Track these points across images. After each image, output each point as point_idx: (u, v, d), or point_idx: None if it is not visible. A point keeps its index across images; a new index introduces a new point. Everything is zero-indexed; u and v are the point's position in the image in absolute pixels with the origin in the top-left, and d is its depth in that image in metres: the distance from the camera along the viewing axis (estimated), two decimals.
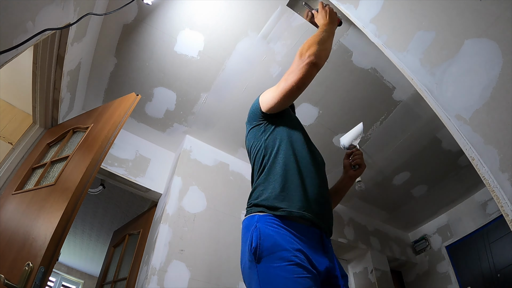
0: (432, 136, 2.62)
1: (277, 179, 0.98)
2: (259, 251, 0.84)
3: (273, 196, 0.95)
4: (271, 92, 1.08)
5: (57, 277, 6.80)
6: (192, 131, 2.62)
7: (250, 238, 0.88)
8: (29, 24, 1.09)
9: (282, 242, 0.85)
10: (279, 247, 0.84)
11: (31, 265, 1.00)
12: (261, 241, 0.86)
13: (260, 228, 0.89)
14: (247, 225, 0.94)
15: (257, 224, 0.90)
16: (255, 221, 0.92)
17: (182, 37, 1.99)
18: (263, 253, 0.84)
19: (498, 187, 0.81)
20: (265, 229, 0.88)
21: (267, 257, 0.83)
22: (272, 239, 0.86)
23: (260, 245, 0.85)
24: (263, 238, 0.86)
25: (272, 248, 0.84)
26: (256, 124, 1.12)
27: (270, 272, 0.81)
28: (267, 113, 1.09)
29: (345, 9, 1.58)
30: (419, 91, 1.13)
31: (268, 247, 0.84)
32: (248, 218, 0.95)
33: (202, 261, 2.06)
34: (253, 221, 0.92)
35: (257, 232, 0.88)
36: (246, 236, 0.92)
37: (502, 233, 2.84)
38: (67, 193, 1.22)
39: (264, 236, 0.86)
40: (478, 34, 0.93)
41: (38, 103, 1.78)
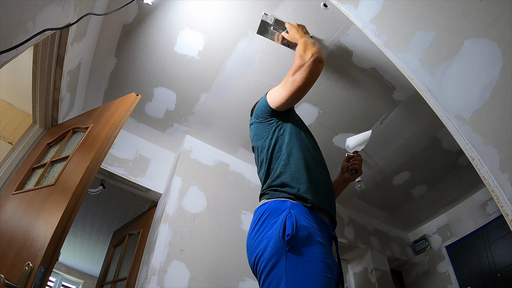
0: (432, 136, 2.62)
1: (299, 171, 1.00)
2: (294, 239, 0.81)
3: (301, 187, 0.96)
4: (279, 90, 1.13)
5: (57, 277, 6.80)
6: (192, 131, 2.62)
7: (282, 223, 0.84)
8: (29, 24, 1.09)
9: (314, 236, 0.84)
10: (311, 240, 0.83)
11: (31, 265, 1.00)
12: (297, 230, 0.83)
13: (296, 216, 0.86)
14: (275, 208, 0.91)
15: (291, 211, 0.88)
16: (287, 206, 0.89)
17: (182, 37, 1.99)
18: (298, 242, 0.81)
19: (498, 187, 0.81)
20: (300, 219, 0.86)
21: (301, 248, 0.81)
22: (306, 231, 0.84)
23: (296, 234, 0.82)
24: (299, 227, 0.84)
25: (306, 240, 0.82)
26: (266, 120, 1.17)
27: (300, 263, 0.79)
28: (277, 110, 1.14)
29: (345, 9, 1.58)
30: (419, 91, 1.13)
31: (302, 238, 0.82)
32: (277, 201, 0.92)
33: (202, 261, 2.06)
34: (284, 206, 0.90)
35: (292, 219, 0.85)
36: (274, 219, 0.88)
37: (502, 233, 2.84)
38: (67, 193, 1.22)
39: (299, 225, 0.84)
40: (478, 34, 0.93)
41: (38, 103, 1.78)
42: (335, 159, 2.80)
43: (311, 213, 0.91)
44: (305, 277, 0.77)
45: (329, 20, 1.88)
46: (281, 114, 1.16)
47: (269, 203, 0.94)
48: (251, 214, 2.48)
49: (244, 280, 2.13)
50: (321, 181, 1.03)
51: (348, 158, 1.39)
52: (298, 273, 0.78)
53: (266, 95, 1.18)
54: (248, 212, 2.50)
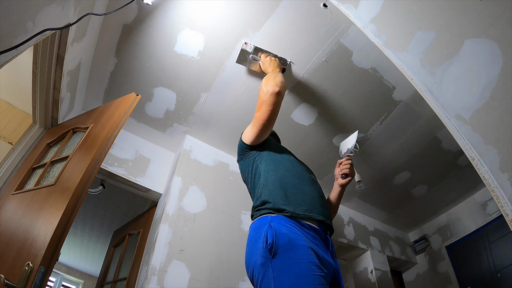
0: (432, 136, 2.62)
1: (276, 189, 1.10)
2: (274, 247, 0.88)
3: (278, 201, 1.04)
4: (249, 128, 1.31)
5: (57, 277, 6.80)
6: (192, 131, 2.62)
7: (264, 236, 0.92)
8: (29, 24, 1.09)
9: (296, 240, 0.90)
10: (294, 245, 0.89)
11: (31, 265, 1.00)
12: (277, 238, 0.90)
13: (275, 226, 0.94)
14: (258, 225, 1.00)
15: (271, 223, 0.96)
16: (268, 220, 0.98)
17: (182, 37, 1.99)
18: (279, 249, 0.88)
19: (498, 187, 0.81)
20: (280, 228, 0.93)
21: (283, 253, 0.87)
22: (287, 237, 0.90)
23: (276, 241, 0.89)
24: (278, 235, 0.91)
25: (287, 246, 0.88)
26: (245, 156, 1.32)
27: (284, 268, 0.84)
28: (251, 145, 1.29)
29: (345, 9, 1.58)
30: (419, 91, 1.13)
31: (283, 244, 0.89)
32: (259, 219, 1.02)
33: (202, 261, 2.06)
34: (265, 221, 0.98)
35: (272, 230, 0.92)
36: (258, 235, 0.96)
37: (502, 233, 2.84)
38: (67, 193, 1.22)
39: (279, 233, 0.91)
40: (478, 34, 0.93)
41: (38, 103, 1.78)
42: (336, 160, 2.80)
43: (292, 221, 0.98)
44: (291, 279, 0.82)
45: (329, 20, 1.88)
46: (255, 148, 1.30)
47: (255, 222, 1.04)
48: None
49: (244, 280, 2.13)
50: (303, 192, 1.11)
51: (339, 164, 1.48)
52: (284, 276, 0.83)
53: (241, 135, 1.34)
54: (248, 212, 2.50)
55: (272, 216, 0.99)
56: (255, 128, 1.24)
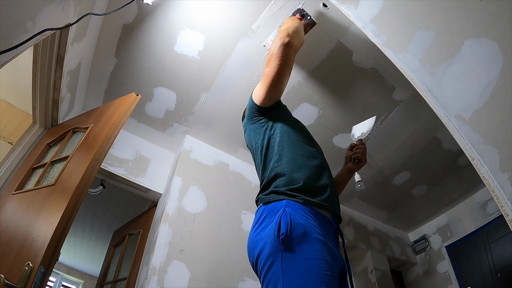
0: (432, 136, 2.62)
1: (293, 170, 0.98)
2: (288, 238, 0.80)
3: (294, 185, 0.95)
4: (259, 86, 1.11)
5: (57, 277, 6.80)
6: (192, 131, 2.62)
7: (277, 223, 0.84)
8: (29, 24, 1.09)
9: (311, 233, 0.82)
10: (309, 238, 0.81)
11: (31, 265, 1.00)
12: (292, 228, 0.82)
13: (291, 213, 0.85)
14: (271, 208, 0.91)
15: (286, 209, 0.87)
16: (283, 205, 0.89)
17: (182, 37, 1.99)
18: (293, 241, 0.80)
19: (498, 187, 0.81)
20: (296, 216, 0.85)
21: (296, 246, 0.80)
22: (302, 228, 0.82)
23: (290, 232, 0.81)
24: (294, 225, 0.83)
25: (301, 238, 0.81)
26: (256, 120, 1.14)
27: (296, 262, 0.78)
28: (262, 106, 1.12)
29: (345, 9, 1.58)
30: (419, 91, 1.13)
31: (297, 236, 0.81)
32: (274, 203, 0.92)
33: (202, 261, 2.06)
34: (280, 205, 0.90)
35: (287, 218, 0.84)
36: (269, 219, 0.88)
37: (502, 233, 2.84)
38: (67, 193, 1.22)
39: (294, 223, 0.83)
40: (478, 34, 0.93)
41: (38, 103, 1.78)
42: (335, 159, 2.80)
43: (308, 209, 0.89)
44: (302, 276, 0.75)
45: (329, 20, 1.88)
46: (270, 112, 1.14)
47: (269, 206, 0.93)
48: (251, 214, 2.48)
49: (244, 280, 2.13)
50: (317, 177, 1.01)
51: (351, 147, 1.33)
52: (295, 272, 0.76)
53: (252, 94, 1.17)
54: (248, 212, 2.50)
55: (287, 201, 0.90)
56: (264, 85, 1.07)
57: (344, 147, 2.73)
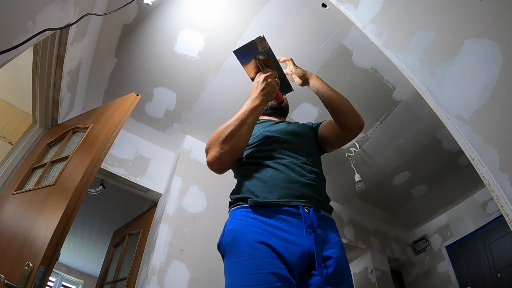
0: (432, 136, 2.62)
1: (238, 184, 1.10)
2: (221, 247, 0.88)
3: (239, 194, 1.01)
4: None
5: (57, 277, 6.80)
6: (192, 131, 2.62)
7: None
8: (29, 24, 1.09)
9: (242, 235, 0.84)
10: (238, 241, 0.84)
11: (31, 265, 1.00)
12: (224, 237, 0.88)
13: (226, 224, 0.92)
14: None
15: (228, 220, 0.94)
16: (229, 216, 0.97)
17: (182, 37, 1.99)
18: (225, 249, 0.87)
19: (498, 187, 0.81)
20: (229, 225, 0.91)
21: (227, 253, 0.85)
22: (231, 235, 0.87)
23: (222, 241, 0.88)
24: (226, 234, 0.89)
25: (231, 244, 0.85)
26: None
27: (228, 267, 0.83)
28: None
29: (345, 9, 1.58)
30: (419, 91, 1.13)
31: (228, 243, 0.86)
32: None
33: (202, 261, 2.06)
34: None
35: (223, 229, 0.91)
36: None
37: (502, 233, 2.84)
38: (67, 193, 1.22)
39: (226, 232, 0.89)
40: (478, 34, 0.93)
41: (38, 103, 1.78)
42: (335, 159, 2.80)
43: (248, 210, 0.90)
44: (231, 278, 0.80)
45: (329, 20, 1.88)
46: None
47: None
48: None
49: None
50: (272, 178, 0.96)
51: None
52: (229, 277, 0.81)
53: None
54: None
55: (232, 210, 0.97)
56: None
57: (344, 147, 2.73)
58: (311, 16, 1.87)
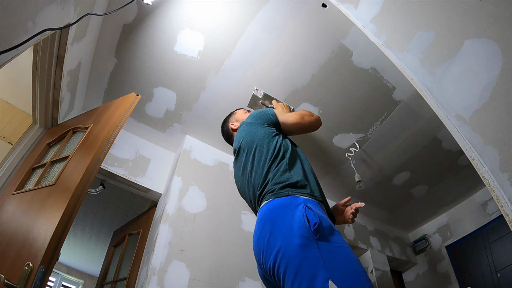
0: (432, 136, 2.62)
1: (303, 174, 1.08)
2: (321, 228, 0.83)
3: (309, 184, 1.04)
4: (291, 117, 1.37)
5: (57, 277, 6.79)
6: (192, 131, 2.62)
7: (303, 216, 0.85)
8: (29, 24, 1.09)
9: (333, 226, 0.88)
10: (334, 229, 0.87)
11: (31, 265, 1.00)
12: (320, 220, 0.85)
13: (313, 208, 0.89)
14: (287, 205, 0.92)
15: (306, 205, 0.90)
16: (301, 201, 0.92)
17: (182, 37, 1.99)
18: (324, 231, 0.83)
19: (498, 187, 0.81)
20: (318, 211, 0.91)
21: (329, 236, 0.83)
22: (327, 221, 0.88)
23: (321, 224, 0.84)
24: (321, 218, 0.86)
25: (330, 229, 0.85)
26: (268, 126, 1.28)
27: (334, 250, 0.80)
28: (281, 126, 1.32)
29: (345, 9, 1.58)
30: (419, 91, 1.13)
31: (327, 227, 0.85)
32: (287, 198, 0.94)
33: (202, 261, 2.06)
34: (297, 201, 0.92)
35: (311, 211, 0.87)
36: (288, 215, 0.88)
37: (502, 233, 2.84)
38: (67, 193, 1.22)
39: (321, 216, 0.88)
40: (478, 34, 0.93)
41: (38, 103, 1.78)
42: (335, 159, 2.80)
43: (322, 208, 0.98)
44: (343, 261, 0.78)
45: (329, 20, 1.88)
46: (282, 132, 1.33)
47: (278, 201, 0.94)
48: (251, 214, 2.48)
49: (244, 280, 2.13)
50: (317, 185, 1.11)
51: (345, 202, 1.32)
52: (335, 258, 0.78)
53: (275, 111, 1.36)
54: (248, 212, 2.50)
55: (305, 198, 0.94)
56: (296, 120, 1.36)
57: (344, 147, 2.73)
58: (311, 16, 1.87)
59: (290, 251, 0.79)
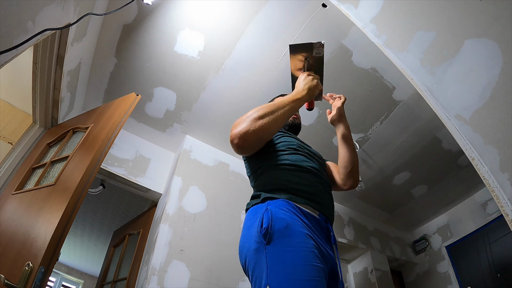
0: (432, 136, 2.62)
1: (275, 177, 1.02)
2: (270, 232, 0.80)
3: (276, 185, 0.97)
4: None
5: (57, 277, 6.80)
6: (192, 131, 2.62)
7: (260, 220, 0.84)
8: (29, 24, 1.09)
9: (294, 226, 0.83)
10: (291, 230, 0.81)
11: (31, 265, 1.00)
12: (273, 222, 0.82)
13: (272, 210, 0.86)
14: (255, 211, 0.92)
15: (268, 207, 0.88)
16: (265, 205, 0.90)
17: (182, 37, 1.99)
18: (274, 234, 0.80)
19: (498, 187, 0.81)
20: (277, 212, 0.86)
21: (278, 239, 0.80)
22: (284, 222, 0.83)
23: (272, 226, 0.82)
24: (275, 220, 0.83)
25: (284, 231, 0.81)
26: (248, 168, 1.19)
27: (279, 255, 0.77)
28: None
29: (345, 9, 1.58)
30: (419, 91, 1.13)
31: (279, 229, 0.81)
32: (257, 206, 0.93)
33: (202, 261, 2.06)
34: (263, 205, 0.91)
35: (269, 214, 0.85)
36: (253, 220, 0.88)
37: (502, 233, 2.84)
38: (67, 193, 1.22)
39: (276, 218, 0.84)
40: (478, 34, 0.93)
41: (38, 103, 1.78)
42: (335, 159, 2.80)
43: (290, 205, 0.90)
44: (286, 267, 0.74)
45: (329, 20, 1.88)
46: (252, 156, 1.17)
47: (252, 209, 0.96)
48: None
49: (244, 280, 2.13)
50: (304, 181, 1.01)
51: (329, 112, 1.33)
52: (278, 264, 0.75)
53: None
54: None
55: (270, 200, 0.92)
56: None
57: None
58: (311, 16, 1.87)
59: (250, 256, 0.82)
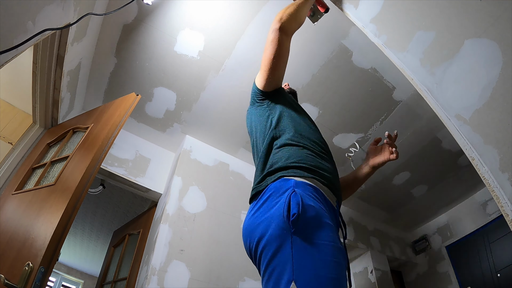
0: (432, 136, 2.62)
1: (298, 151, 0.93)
2: (300, 220, 0.71)
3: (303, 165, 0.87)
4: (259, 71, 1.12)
5: (57, 277, 6.80)
6: (192, 131, 2.62)
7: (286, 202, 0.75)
8: (29, 24, 1.09)
9: (322, 217, 0.75)
10: (320, 221, 0.74)
11: (31, 265, 1.00)
12: (303, 209, 0.73)
13: (301, 195, 0.77)
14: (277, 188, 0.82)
15: (295, 190, 0.78)
16: (291, 185, 0.80)
17: (182, 37, 1.99)
18: (304, 224, 0.72)
19: (498, 187, 0.81)
20: (306, 198, 0.77)
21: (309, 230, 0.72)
22: (314, 211, 0.75)
23: (302, 214, 0.72)
24: (306, 207, 0.74)
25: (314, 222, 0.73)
26: (259, 105, 1.13)
27: (308, 247, 0.69)
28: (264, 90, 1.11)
29: (345, 9, 1.58)
30: (419, 91, 1.13)
31: (310, 219, 0.73)
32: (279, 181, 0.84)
33: (202, 261, 2.06)
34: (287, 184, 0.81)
35: (298, 198, 0.75)
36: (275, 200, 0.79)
37: (502, 233, 2.84)
38: (67, 193, 1.22)
39: (306, 205, 0.75)
40: (478, 34, 0.93)
41: (38, 103, 1.78)
42: (336, 159, 2.79)
43: (317, 193, 0.82)
44: (315, 262, 0.67)
45: (329, 20, 1.88)
46: (272, 97, 1.12)
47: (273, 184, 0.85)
48: None
49: (244, 280, 2.13)
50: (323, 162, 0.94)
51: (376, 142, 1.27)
52: (306, 258, 0.68)
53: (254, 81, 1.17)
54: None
55: (297, 181, 0.81)
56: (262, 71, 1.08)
57: (344, 147, 2.73)
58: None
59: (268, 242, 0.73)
